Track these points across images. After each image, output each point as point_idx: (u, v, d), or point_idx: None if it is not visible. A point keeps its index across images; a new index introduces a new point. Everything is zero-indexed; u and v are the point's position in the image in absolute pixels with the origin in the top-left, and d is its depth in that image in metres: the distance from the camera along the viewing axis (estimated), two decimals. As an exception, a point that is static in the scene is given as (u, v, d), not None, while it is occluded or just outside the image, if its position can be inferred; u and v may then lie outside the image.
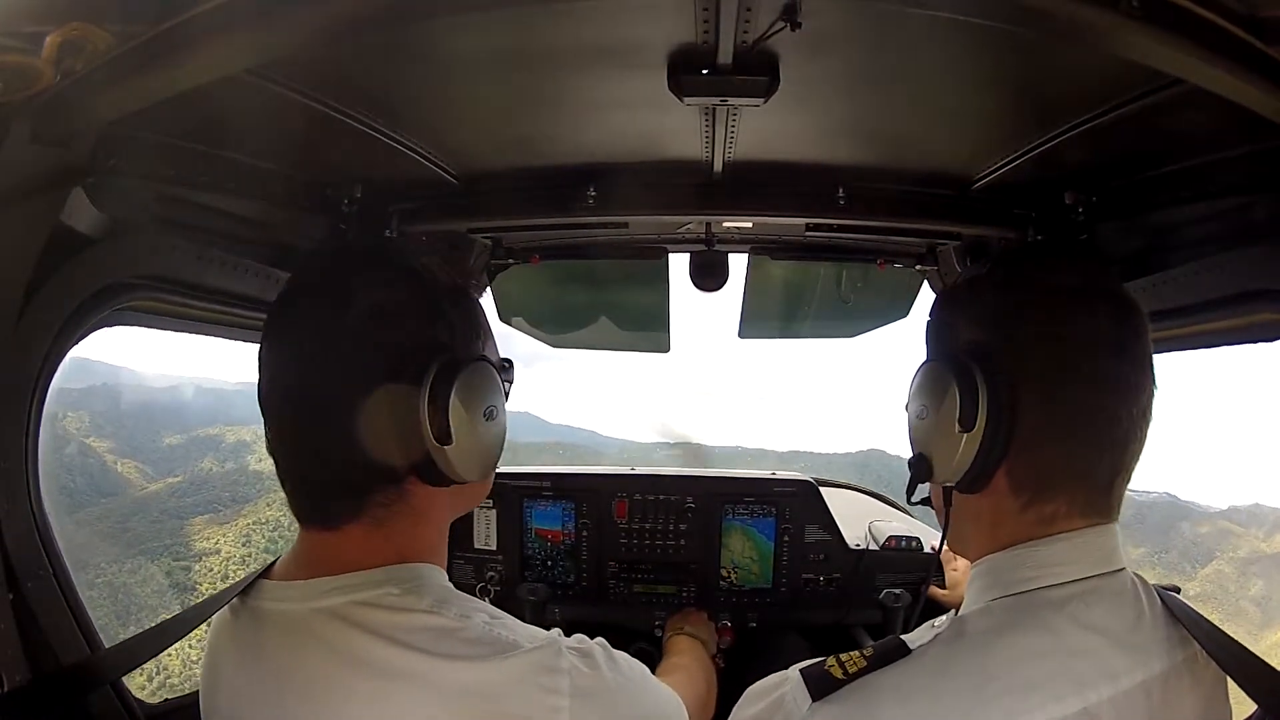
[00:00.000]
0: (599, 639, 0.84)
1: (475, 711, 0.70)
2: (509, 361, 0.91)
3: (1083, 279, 0.80)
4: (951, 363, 0.79)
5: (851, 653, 0.76)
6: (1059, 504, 0.76)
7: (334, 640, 0.74)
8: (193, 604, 0.91)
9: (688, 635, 1.62)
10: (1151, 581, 0.79)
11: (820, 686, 0.73)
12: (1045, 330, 0.78)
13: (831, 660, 0.76)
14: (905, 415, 0.88)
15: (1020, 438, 0.77)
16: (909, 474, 0.87)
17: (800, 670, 0.77)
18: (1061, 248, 1.31)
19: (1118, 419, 0.76)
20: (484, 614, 0.76)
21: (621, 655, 0.83)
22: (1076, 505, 0.76)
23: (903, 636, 0.77)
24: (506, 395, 0.90)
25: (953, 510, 0.85)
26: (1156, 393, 0.79)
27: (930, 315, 0.89)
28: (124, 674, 1.02)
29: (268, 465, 0.79)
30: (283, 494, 0.80)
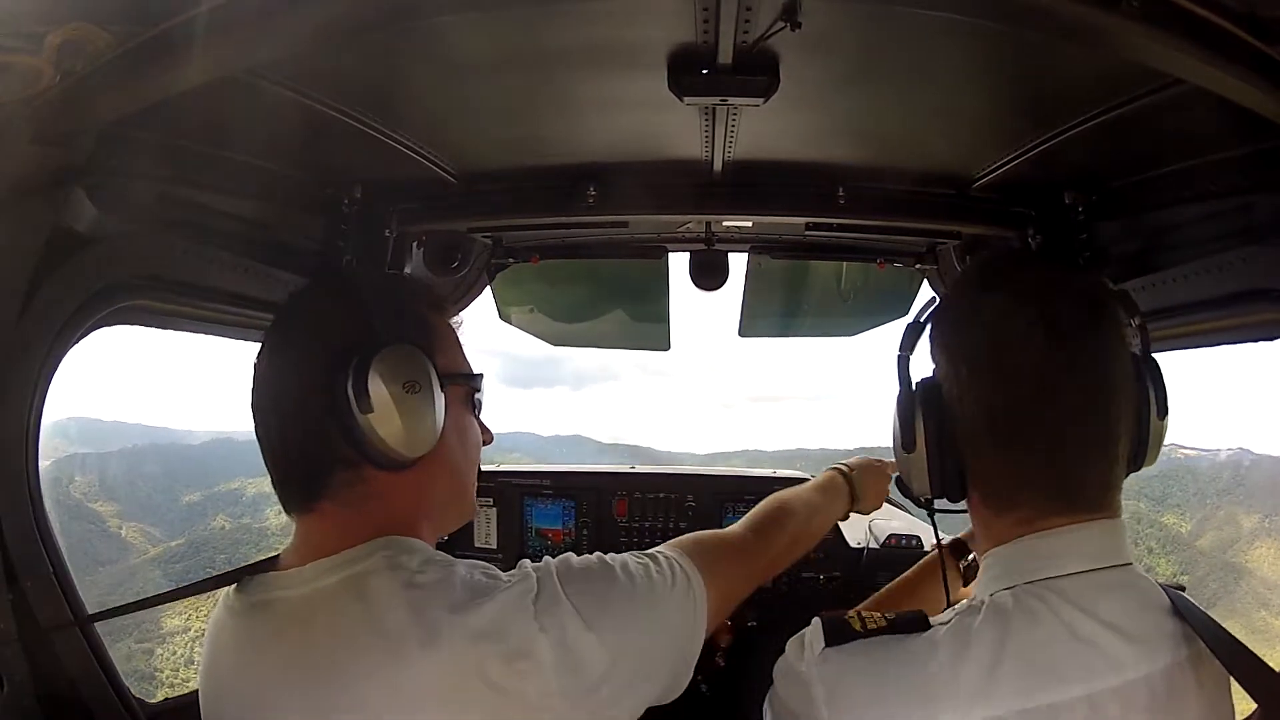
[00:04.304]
0: (570, 556, 0.90)
1: (481, 653, 0.73)
2: (474, 375, 0.96)
3: (1025, 289, 0.81)
4: (901, 390, 0.87)
5: (874, 612, 0.79)
6: (1025, 510, 0.79)
7: (340, 616, 0.76)
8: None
9: (833, 470, 1.34)
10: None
11: (836, 633, 0.78)
12: (978, 349, 0.82)
13: (853, 613, 0.80)
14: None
15: (970, 454, 0.82)
16: None
17: (822, 616, 0.81)
18: (1014, 257, 1.29)
19: (1070, 423, 0.78)
20: (464, 564, 0.81)
21: (593, 563, 0.90)
22: (1047, 508, 0.78)
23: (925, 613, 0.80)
24: (477, 404, 0.94)
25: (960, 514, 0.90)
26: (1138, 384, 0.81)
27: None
28: (95, 622, 1.05)
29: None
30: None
